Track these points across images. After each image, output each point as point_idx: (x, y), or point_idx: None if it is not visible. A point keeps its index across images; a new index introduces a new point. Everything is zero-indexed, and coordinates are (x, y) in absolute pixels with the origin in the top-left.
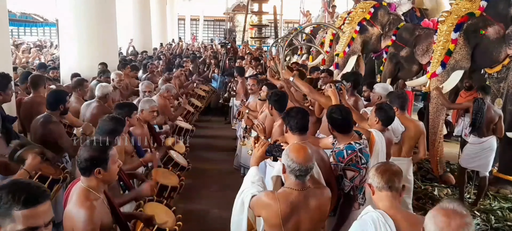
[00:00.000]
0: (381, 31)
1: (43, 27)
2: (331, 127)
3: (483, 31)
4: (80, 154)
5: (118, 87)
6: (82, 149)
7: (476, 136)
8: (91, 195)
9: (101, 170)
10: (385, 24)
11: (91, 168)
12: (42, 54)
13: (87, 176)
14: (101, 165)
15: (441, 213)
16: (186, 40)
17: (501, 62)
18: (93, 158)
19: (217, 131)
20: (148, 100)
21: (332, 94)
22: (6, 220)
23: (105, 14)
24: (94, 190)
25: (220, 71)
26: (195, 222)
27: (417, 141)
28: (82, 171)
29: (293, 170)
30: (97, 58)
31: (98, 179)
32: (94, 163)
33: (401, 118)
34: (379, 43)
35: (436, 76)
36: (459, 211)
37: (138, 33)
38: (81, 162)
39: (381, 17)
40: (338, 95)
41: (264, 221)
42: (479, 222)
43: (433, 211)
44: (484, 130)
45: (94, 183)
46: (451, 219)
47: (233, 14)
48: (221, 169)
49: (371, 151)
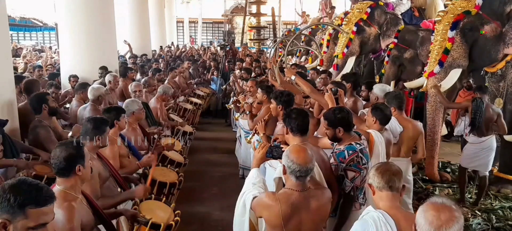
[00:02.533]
0: (379, 31)
1: (43, 32)
2: (338, 127)
3: (481, 30)
4: (58, 155)
5: (114, 89)
6: (58, 150)
7: (476, 136)
8: (69, 196)
9: (81, 167)
10: (383, 24)
11: (72, 166)
12: (41, 57)
13: (66, 176)
14: (80, 161)
15: (430, 207)
16: (185, 42)
17: (500, 61)
18: (72, 156)
19: (218, 133)
20: (134, 101)
21: (328, 98)
22: (18, 216)
23: (104, 17)
24: (71, 191)
25: (219, 74)
26: (197, 224)
27: (415, 141)
28: (61, 172)
29: (294, 171)
30: (97, 62)
31: (76, 178)
32: (74, 161)
33: (399, 118)
34: (377, 43)
35: (434, 75)
36: (448, 205)
37: (136, 37)
38: (60, 162)
39: (378, 17)
40: (334, 100)
41: (265, 222)
42: (480, 221)
43: (423, 206)
44: (484, 129)
45: (71, 184)
46: (441, 213)
47: (232, 16)
48: (222, 171)
49: (371, 152)
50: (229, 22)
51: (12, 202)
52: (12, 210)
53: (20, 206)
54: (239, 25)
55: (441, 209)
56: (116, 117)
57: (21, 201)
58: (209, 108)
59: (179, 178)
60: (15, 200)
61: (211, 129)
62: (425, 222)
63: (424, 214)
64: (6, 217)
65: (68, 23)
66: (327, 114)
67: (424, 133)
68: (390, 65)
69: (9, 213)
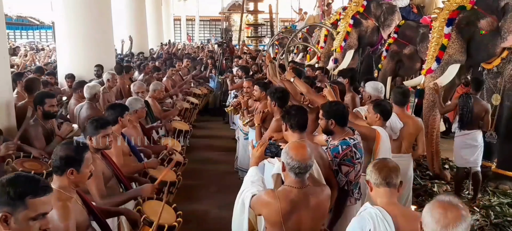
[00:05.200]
0: (376, 24)
1: (39, 30)
2: (331, 118)
3: (477, 24)
4: (56, 152)
5: (112, 87)
6: (59, 147)
7: (461, 129)
8: (62, 196)
9: (74, 171)
10: (379, 16)
11: (65, 168)
12: (37, 58)
13: (59, 175)
14: (74, 165)
15: (437, 206)
16: (182, 40)
17: (497, 56)
18: (68, 157)
19: (216, 131)
20: (138, 99)
21: (328, 93)
22: (18, 208)
23: (101, 15)
24: (65, 190)
25: (217, 71)
26: (195, 222)
27: (416, 137)
28: (55, 169)
29: (293, 167)
30: (94, 60)
31: (69, 179)
32: (68, 163)
33: (400, 114)
34: (375, 36)
35: (432, 72)
36: (455, 203)
37: (133, 35)
38: (55, 160)
39: (374, 9)
40: (334, 96)
41: (265, 220)
42: (479, 218)
43: (430, 204)
44: (473, 124)
45: (65, 183)
46: (448, 211)
47: (229, 14)
48: (220, 169)
49: (377, 148)
50: (227, 20)
51: (12, 194)
52: (13, 202)
53: (20, 197)
54: (237, 23)
55: (448, 208)
56: (120, 114)
57: (20, 192)
58: (207, 106)
59: (178, 177)
60: (15, 192)
61: (209, 127)
62: (432, 220)
63: (431, 212)
64: (7, 210)
65: (65, 21)
66: (323, 104)
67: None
68: (388, 61)
69: (10, 206)
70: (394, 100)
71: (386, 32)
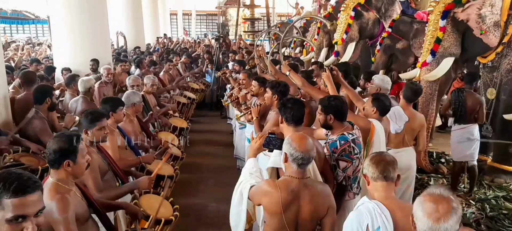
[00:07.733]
0: (377, 15)
1: (35, 24)
2: (330, 113)
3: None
4: (49, 146)
5: (108, 81)
6: (51, 141)
7: (458, 123)
8: (61, 188)
9: (71, 162)
10: (380, 7)
11: (60, 160)
12: (34, 52)
13: (56, 168)
14: (70, 157)
15: (428, 199)
16: (179, 35)
17: (493, 51)
18: (62, 150)
19: (213, 125)
20: (136, 93)
21: (326, 78)
22: None
23: (96, 9)
24: (63, 183)
25: (214, 66)
26: (193, 216)
27: (417, 132)
28: (51, 163)
29: (296, 158)
30: (90, 54)
31: (67, 172)
32: (63, 155)
33: (406, 109)
34: (376, 28)
35: (427, 65)
36: (446, 196)
37: (130, 29)
38: (50, 153)
39: (375, 1)
40: (332, 81)
41: (264, 210)
42: (474, 211)
43: (421, 198)
44: (467, 118)
45: (63, 176)
46: (439, 204)
47: (226, 8)
48: (218, 163)
49: (371, 140)
50: (223, 14)
51: None
52: None
53: None
54: (233, 17)
55: (439, 201)
56: (112, 109)
57: None
58: (204, 101)
59: (176, 171)
60: None
61: (207, 122)
62: (423, 214)
63: (422, 205)
64: None
65: (60, 15)
66: (322, 99)
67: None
68: (381, 54)
69: None
70: (404, 94)
71: (387, 22)
